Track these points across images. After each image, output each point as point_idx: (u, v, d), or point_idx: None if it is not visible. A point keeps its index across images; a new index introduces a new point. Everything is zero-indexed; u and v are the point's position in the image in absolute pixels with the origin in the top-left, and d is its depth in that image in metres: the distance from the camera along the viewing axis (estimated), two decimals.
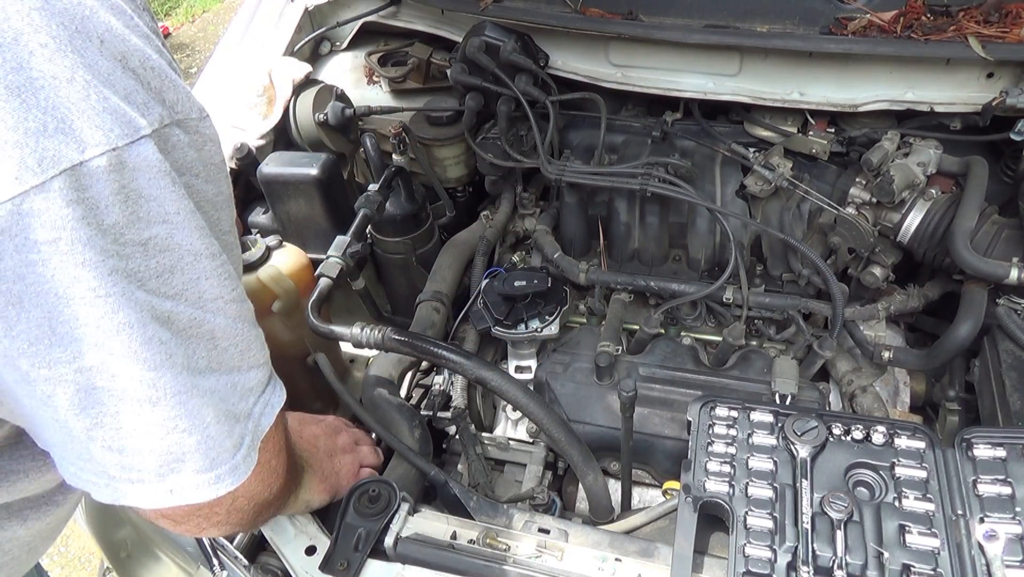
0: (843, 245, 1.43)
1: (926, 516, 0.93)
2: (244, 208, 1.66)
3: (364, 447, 1.24)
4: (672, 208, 1.58)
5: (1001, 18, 1.36)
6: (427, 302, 1.51)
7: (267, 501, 0.90)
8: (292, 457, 0.97)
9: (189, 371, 0.71)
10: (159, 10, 6.60)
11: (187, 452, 0.73)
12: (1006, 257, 1.29)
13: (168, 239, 0.67)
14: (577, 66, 1.64)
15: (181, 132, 0.68)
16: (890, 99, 1.45)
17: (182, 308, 0.69)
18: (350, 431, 1.25)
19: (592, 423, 1.34)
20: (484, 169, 1.71)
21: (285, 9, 1.80)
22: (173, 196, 0.66)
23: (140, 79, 0.65)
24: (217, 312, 0.72)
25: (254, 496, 0.86)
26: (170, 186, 0.66)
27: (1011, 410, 1.22)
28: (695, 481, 1.01)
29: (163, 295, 0.67)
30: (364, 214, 1.46)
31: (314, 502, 1.10)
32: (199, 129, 0.71)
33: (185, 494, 0.75)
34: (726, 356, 1.38)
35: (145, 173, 0.64)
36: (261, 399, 0.81)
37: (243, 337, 0.77)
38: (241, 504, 0.85)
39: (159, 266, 0.67)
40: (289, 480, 0.96)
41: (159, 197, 0.65)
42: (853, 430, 1.03)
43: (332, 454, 1.16)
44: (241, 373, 0.78)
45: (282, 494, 0.95)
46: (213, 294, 0.72)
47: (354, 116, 1.68)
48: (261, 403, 0.81)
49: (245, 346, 0.77)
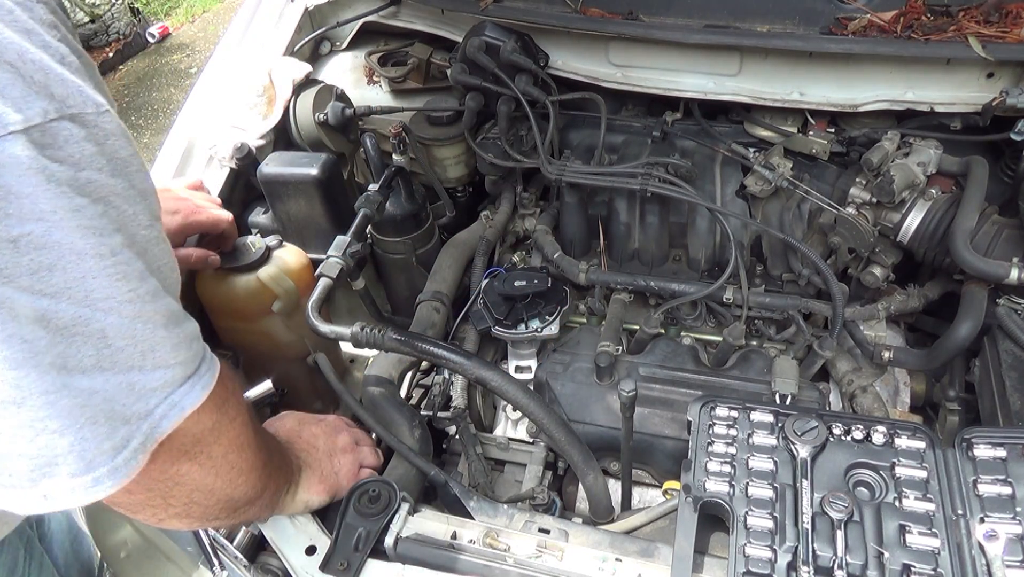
0: (843, 245, 1.43)
1: (926, 516, 0.93)
2: (244, 208, 1.66)
3: (364, 447, 1.23)
4: (672, 208, 1.58)
5: (1001, 18, 1.36)
6: (427, 302, 1.51)
7: (236, 498, 0.91)
8: (266, 454, 0.96)
9: (60, 370, 0.68)
10: (159, 10, 6.60)
11: (59, 455, 0.70)
12: (1006, 257, 1.28)
13: (45, 236, 0.65)
14: (577, 66, 1.64)
15: (74, 126, 0.67)
16: (890, 99, 1.45)
17: (64, 306, 0.67)
18: (351, 431, 1.25)
19: (592, 423, 1.34)
20: (484, 169, 1.71)
21: (285, 9, 1.80)
22: (48, 194, 0.65)
23: (18, 73, 0.63)
24: (109, 311, 0.70)
25: (213, 491, 0.86)
26: (44, 184, 0.64)
27: (1011, 410, 1.22)
28: (695, 481, 1.01)
29: (38, 292, 0.66)
30: (364, 214, 1.46)
31: (313, 502, 1.10)
32: (98, 123, 0.70)
33: (60, 499, 0.72)
34: (726, 356, 1.38)
35: (13, 170, 0.62)
36: (168, 400, 0.78)
37: (144, 337, 0.74)
38: (198, 498, 0.85)
39: (33, 263, 0.65)
40: (265, 477, 0.95)
41: (31, 194, 0.64)
42: (853, 430, 1.03)
43: (332, 454, 1.16)
44: (140, 373, 0.75)
45: (259, 492, 0.95)
46: (104, 293, 0.70)
47: (354, 116, 1.68)
48: (166, 404, 0.78)
49: (147, 346, 0.74)
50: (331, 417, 1.26)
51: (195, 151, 1.55)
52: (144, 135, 5.12)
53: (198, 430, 0.83)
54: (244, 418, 0.91)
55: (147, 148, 4.91)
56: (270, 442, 1.03)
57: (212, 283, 1.43)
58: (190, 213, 1.37)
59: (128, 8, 6.07)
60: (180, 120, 1.60)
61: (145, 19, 6.31)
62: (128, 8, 6.07)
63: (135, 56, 6.05)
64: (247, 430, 0.91)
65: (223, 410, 0.86)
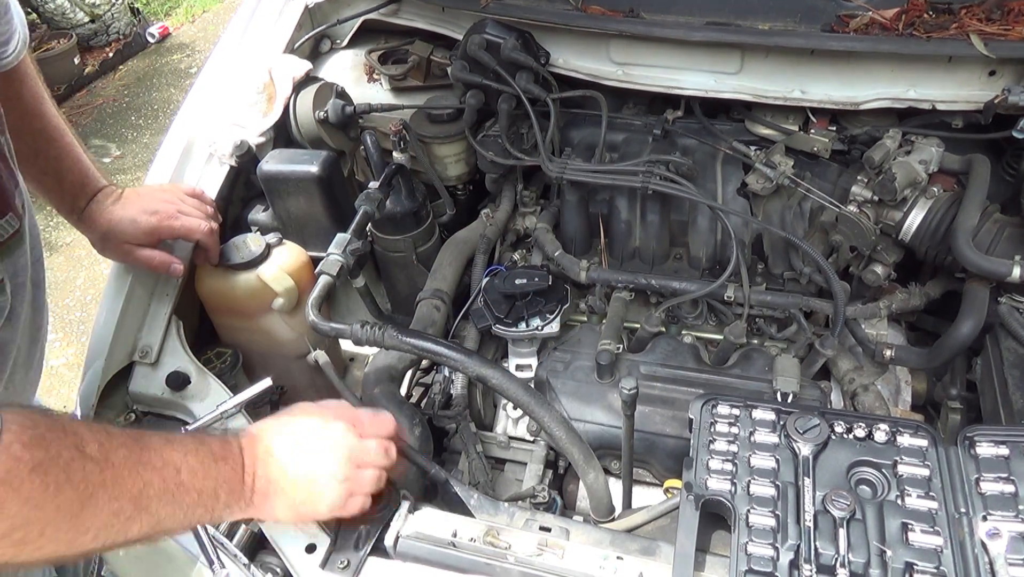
0: (845, 243, 1.43)
1: (929, 514, 0.93)
2: (244, 206, 1.66)
3: (366, 471, 1.04)
4: (673, 206, 1.58)
5: (1003, 16, 1.36)
6: (427, 300, 1.51)
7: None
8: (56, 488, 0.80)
9: None
10: (159, 10, 6.60)
11: None
12: (1008, 255, 1.28)
13: None
14: (578, 64, 1.64)
15: None
16: (892, 97, 1.45)
17: None
18: (359, 445, 1.04)
19: (593, 421, 1.34)
20: (485, 167, 1.71)
21: (285, 7, 1.79)
22: None
23: None
24: None
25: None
26: None
27: (1013, 408, 1.22)
28: (697, 479, 1.01)
29: None
30: (364, 212, 1.46)
31: (282, 518, 1.02)
32: None
33: None
34: (727, 354, 1.38)
35: None
36: None
37: None
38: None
39: None
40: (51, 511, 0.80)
41: None
42: (855, 428, 1.02)
43: (312, 480, 1.00)
44: None
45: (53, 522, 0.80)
46: None
47: (354, 114, 1.68)
48: None
49: None
50: (338, 427, 1.04)
51: (194, 149, 1.55)
52: (144, 135, 5.12)
53: None
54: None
55: (147, 148, 4.92)
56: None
57: (212, 281, 1.43)
58: (167, 217, 1.37)
59: (128, 8, 6.07)
60: (179, 118, 1.60)
61: (145, 19, 6.31)
62: (128, 8, 6.07)
63: (135, 56, 6.05)
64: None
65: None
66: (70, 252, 4.07)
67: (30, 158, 1.25)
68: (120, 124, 5.27)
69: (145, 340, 1.38)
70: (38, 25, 5.73)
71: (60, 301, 3.74)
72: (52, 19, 5.66)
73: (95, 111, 5.43)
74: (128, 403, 1.35)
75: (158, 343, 1.38)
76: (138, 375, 1.36)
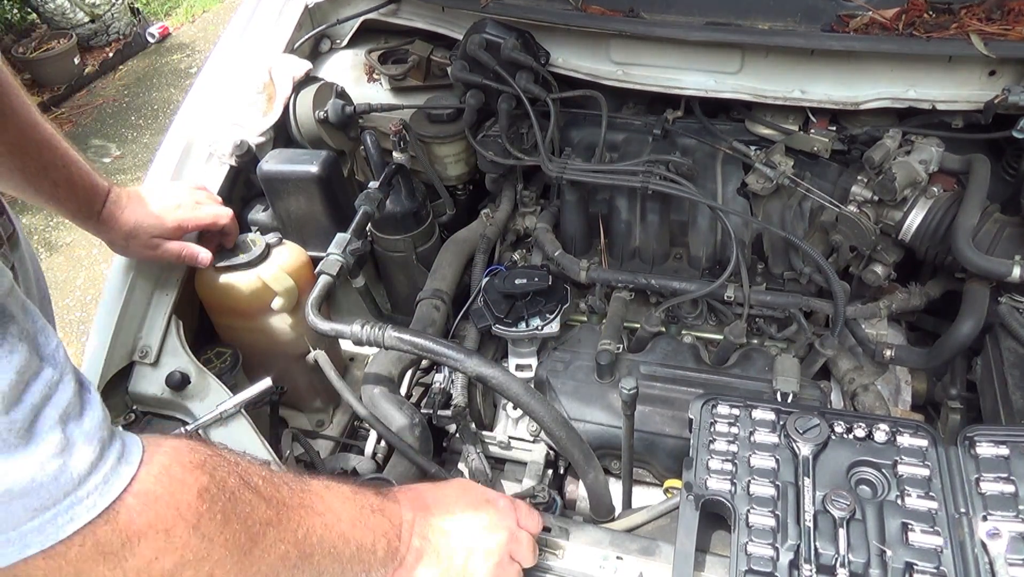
0: (845, 243, 1.43)
1: (929, 514, 0.93)
2: (244, 206, 1.66)
3: (514, 566, 0.98)
4: (673, 206, 1.58)
5: (1003, 15, 1.36)
6: (427, 300, 1.51)
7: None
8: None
9: None
10: (159, 10, 6.61)
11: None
12: (1008, 255, 1.28)
13: None
14: (578, 64, 1.64)
15: None
16: (892, 97, 1.45)
17: None
18: (517, 533, 0.99)
19: (593, 421, 1.33)
20: (485, 167, 1.71)
21: (285, 7, 1.79)
22: None
23: None
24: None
25: None
26: None
27: (1013, 408, 1.22)
28: (697, 479, 1.01)
29: None
30: (364, 211, 1.46)
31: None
32: None
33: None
34: (727, 354, 1.38)
35: None
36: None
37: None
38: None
39: None
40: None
41: None
42: (855, 428, 1.02)
43: (471, 552, 0.95)
44: None
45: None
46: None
47: (354, 113, 1.68)
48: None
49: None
50: (502, 505, 1.01)
51: (194, 149, 1.55)
52: (144, 135, 5.12)
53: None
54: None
55: (147, 148, 4.92)
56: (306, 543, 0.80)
57: (212, 281, 1.43)
58: (191, 208, 1.37)
59: (128, 8, 6.08)
60: (179, 118, 1.60)
61: (145, 19, 6.32)
62: (128, 8, 6.08)
63: (135, 56, 6.06)
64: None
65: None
66: (70, 252, 4.08)
67: (39, 174, 1.21)
68: (120, 124, 5.28)
69: (145, 340, 1.38)
70: (38, 25, 5.74)
71: (60, 301, 3.74)
72: (52, 19, 5.66)
73: (95, 111, 5.44)
74: (128, 403, 1.35)
75: (158, 343, 1.38)
76: (138, 375, 1.36)
